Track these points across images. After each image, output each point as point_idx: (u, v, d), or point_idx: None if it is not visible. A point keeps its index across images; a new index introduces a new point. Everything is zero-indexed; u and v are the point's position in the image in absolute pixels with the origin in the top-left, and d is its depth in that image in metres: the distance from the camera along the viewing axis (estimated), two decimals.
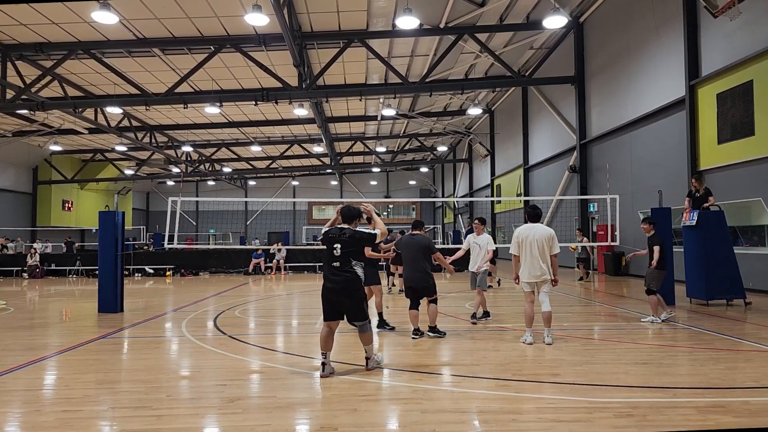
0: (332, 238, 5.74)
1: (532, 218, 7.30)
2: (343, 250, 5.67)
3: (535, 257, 7.04)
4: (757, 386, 5.15)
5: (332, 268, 5.69)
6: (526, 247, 7.11)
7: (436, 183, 51.84)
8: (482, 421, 4.36)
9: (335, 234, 5.77)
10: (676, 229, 12.53)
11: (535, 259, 7.04)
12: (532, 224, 7.24)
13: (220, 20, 17.00)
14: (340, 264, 5.66)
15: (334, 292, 5.66)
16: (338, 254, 5.67)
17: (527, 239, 7.12)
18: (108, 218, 11.01)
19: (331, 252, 5.71)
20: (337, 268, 5.67)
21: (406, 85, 19.96)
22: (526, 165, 27.54)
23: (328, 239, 5.78)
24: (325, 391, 5.21)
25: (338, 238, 5.72)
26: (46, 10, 15.83)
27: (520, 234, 7.22)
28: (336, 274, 5.66)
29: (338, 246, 5.68)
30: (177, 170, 39.01)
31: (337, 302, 5.70)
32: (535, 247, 7.04)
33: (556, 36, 22.49)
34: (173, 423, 4.32)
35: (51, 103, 19.85)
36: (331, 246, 5.72)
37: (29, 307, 12.20)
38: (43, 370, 6.18)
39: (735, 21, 12.42)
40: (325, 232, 5.90)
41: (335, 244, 5.70)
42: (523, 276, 7.18)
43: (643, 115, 16.77)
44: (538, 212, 7.34)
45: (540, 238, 7.06)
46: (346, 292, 5.65)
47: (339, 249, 5.68)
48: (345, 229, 5.81)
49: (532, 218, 7.30)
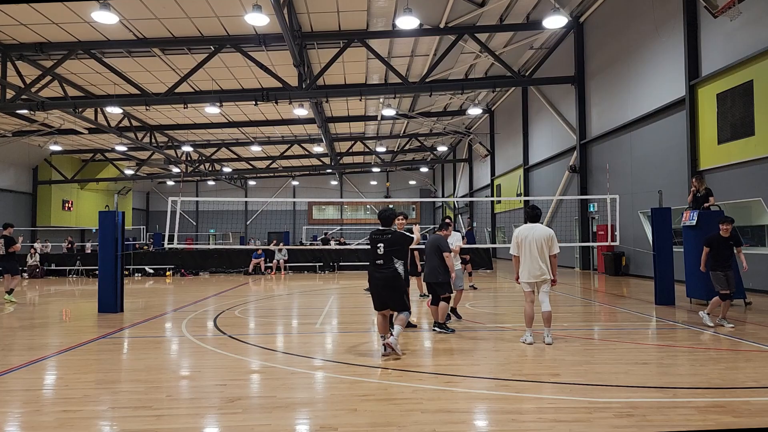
0: (376, 239, 6.60)
1: (531, 218, 7.35)
2: (386, 249, 6.50)
3: (535, 257, 7.09)
4: (757, 386, 5.15)
5: (377, 265, 6.55)
6: (525, 247, 7.17)
7: (436, 183, 51.84)
8: (482, 421, 4.37)
9: (378, 235, 6.62)
10: (676, 229, 12.52)
11: (534, 259, 7.09)
12: (531, 224, 7.29)
13: (220, 20, 17.00)
14: (384, 262, 6.50)
15: (380, 287, 6.53)
16: (381, 253, 6.51)
17: (527, 239, 7.17)
18: (108, 218, 11.00)
19: (375, 251, 6.55)
20: (381, 266, 6.52)
21: (406, 85, 19.96)
22: (526, 165, 27.54)
23: (372, 240, 6.64)
24: (325, 391, 5.21)
25: (381, 239, 6.55)
26: (46, 10, 15.83)
27: (519, 234, 7.28)
28: (380, 271, 6.52)
29: (381, 246, 6.52)
30: (177, 170, 39.02)
31: (383, 294, 6.54)
32: (535, 247, 7.10)
33: (556, 36, 22.49)
34: (173, 423, 4.32)
35: (51, 103, 19.85)
36: (375, 246, 6.56)
37: (29, 307, 12.20)
38: (43, 370, 6.18)
39: (735, 21, 12.42)
40: (371, 233, 6.77)
41: (378, 244, 6.54)
42: (523, 276, 7.23)
43: (643, 115, 16.77)
44: (538, 212, 7.38)
45: (539, 238, 7.12)
46: (389, 286, 6.48)
47: (382, 248, 6.51)
48: (386, 230, 6.67)
49: (532, 218, 7.34)
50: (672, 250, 11.12)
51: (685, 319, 9.24)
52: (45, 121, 27.49)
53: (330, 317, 10.18)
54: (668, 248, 11.06)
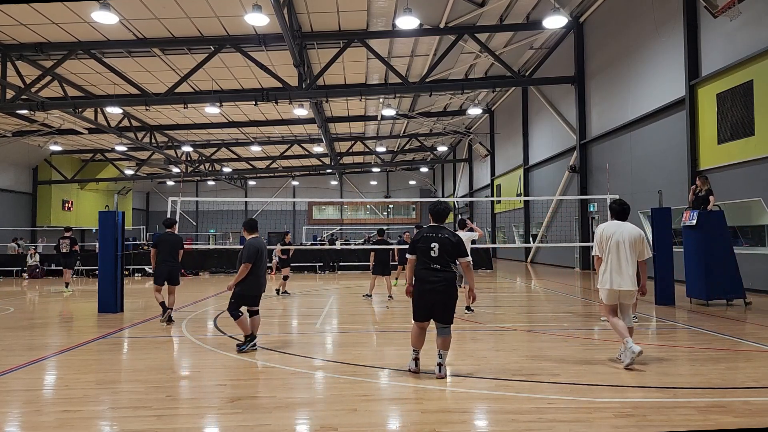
0: (429, 238, 5.59)
1: (617, 215, 6.15)
2: (442, 249, 5.54)
3: (622, 262, 5.89)
4: (757, 386, 5.15)
5: (431, 269, 5.55)
6: (611, 248, 5.93)
7: (436, 183, 51.83)
8: (482, 421, 4.37)
9: (431, 234, 5.62)
10: (676, 229, 12.52)
11: (621, 266, 5.89)
12: (618, 221, 6.10)
13: (220, 20, 17.00)
14: (441, 265, 5.54)
15: (434, 293, 5.52)
16: (436, 255, 5.53)
17: (612, 238, 5.96)
18: (108, 218, 11.01)
19: (428, 252, 5.55)
20: (438, 270, 5.53)
21: (406, 85, 19.96)
22: (526, 165, 27.54)
23: (424, 239, 5.62)
24: (325, 391, 5.22)
25: (436, 238, 5.58)
26: (46, 10, 15.83)
27: (604, 232, 6.05)
28: (436, 275, 5.52)
29: (436, 246, 5.54)
30: (177, 170, 39.02)
31: (435, 302, 5.55)
32: (624, 250, 5.90)
33: (556, 36, 22.48)
34: (173, 423, 4.32)
35: (51, 103, 19.85)
36: (428, 246, 5.56)
37: (29, 307, 12.20)
38: (43, 370, 6.18)
39: (735, 21, 12.42)
40: (418, 232, 5.84)
41: (432, 244, 5.55)
42: (605, 283, 5.96)
43: (643, 115, 16.77)
44: (626, 207, 6.14)
45: (628, 239, 5.93)
46: (446, 293, 5.53)
47: (437, 249, 5.54)
48: (442, 228, 5.71)
49: (618, 215, 6.14)
50: (672, 250, 11.13)
51: (685, 319, 9.24)
52: (45, 121, 27.48)
53: (330, 317, 10.18)
54: (668, 248, 11.07)
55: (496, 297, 13.55)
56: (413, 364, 5.68)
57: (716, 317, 9.36)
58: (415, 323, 5.71)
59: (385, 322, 9.55)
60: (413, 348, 5.72)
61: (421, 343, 5.72)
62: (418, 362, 5.69)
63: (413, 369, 5.66)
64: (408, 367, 5.71)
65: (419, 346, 5.71)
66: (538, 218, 26.92)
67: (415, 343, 5.71)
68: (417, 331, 5.69)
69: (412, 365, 5.68)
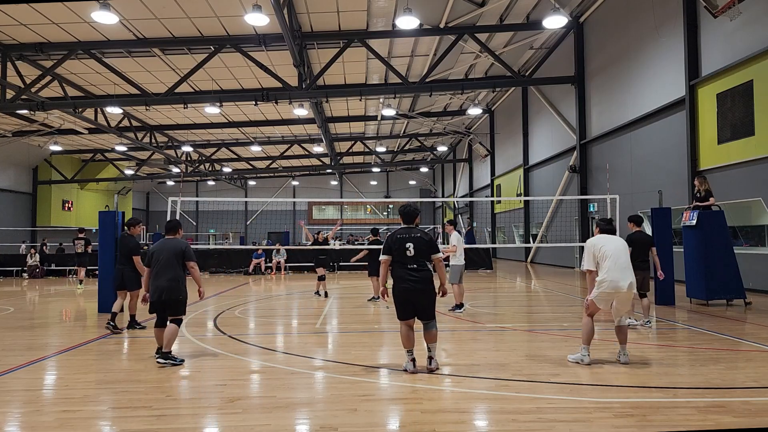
0: (403, 239, 5.77)
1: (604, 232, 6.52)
2: (416, 249, 5.72)
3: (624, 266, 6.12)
4: (757, 386, 5.15)
5: (408, 269, 5.72)
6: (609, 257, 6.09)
7: (436, 183, 51.83)
8: (482, 421, 4.37)
9: (404, 234, 5.81)
10: (676, 229, 12.52)
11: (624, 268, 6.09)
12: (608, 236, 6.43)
13: (220, 20, 17.00)
14: (418, 265, 5.72)
15: (413, 292, 5.70)
16: (412, 254, 5.71)
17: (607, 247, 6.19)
18: (108, 218, 11.00)
19: (404, 253, 5.72)
20: (415, 269, 5.71)
21: (406, 85, 19.96)
22: (526, 165, 27.54)
23: (397, 240, 5.79)
24: (325, 391, 5.21)
25: (410, 238, 5.77)
26: (46, 10, 15.83)
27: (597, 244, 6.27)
28: (413, 275, 5.69)
29: (411, 245, 5.72)
30: (177, 170, 39.02)
31: (415, 301, 5.73)
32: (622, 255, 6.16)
33: (556, 36, 22.48)
34: (173, 423, 4.32)
35: (51, 103, 19.85)
36: (404, 246, 5.73)
37: (29, 307, 12.20)
38: (43, 370, 6.18)
39: (735, 21, 12.43)
40: (391, 234, 5.93)
41: (407, 244, 5.73)
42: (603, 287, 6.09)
43: (643, 115, 16.77)
44: (612, 227, 6.68)
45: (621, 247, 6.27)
46: (424, 291, 5.72)
47: (412, 249, 5.71)
48: (413, 228, 5.91)
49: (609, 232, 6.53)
50: (672, 250, 11.12)
51: (685, 319, 9.24)
52: (45, 121, 27.48)
53: (330, 317, 10.18)
54: (668, 248, 11.06)
55: (496, 297, 13.55)
56: (410, 365, 5.73)
57: (716, 317, 9.36)
58: (401, 322, 5.84)
59: (385, 322, 9.54)
60: (406, 350, 5.80)
61: (412, 342, 5.80)
62: (414, 362, 5.75)
63: (411, 370, 5.69)
64: (405, 368, 5.75)
65: (411, 346, 5.80)
66: (538, 218, 26.92)
67: (406, 344, 5.81)
68: (405, 330, 5.81)
69: (409, 366, 5.73)
